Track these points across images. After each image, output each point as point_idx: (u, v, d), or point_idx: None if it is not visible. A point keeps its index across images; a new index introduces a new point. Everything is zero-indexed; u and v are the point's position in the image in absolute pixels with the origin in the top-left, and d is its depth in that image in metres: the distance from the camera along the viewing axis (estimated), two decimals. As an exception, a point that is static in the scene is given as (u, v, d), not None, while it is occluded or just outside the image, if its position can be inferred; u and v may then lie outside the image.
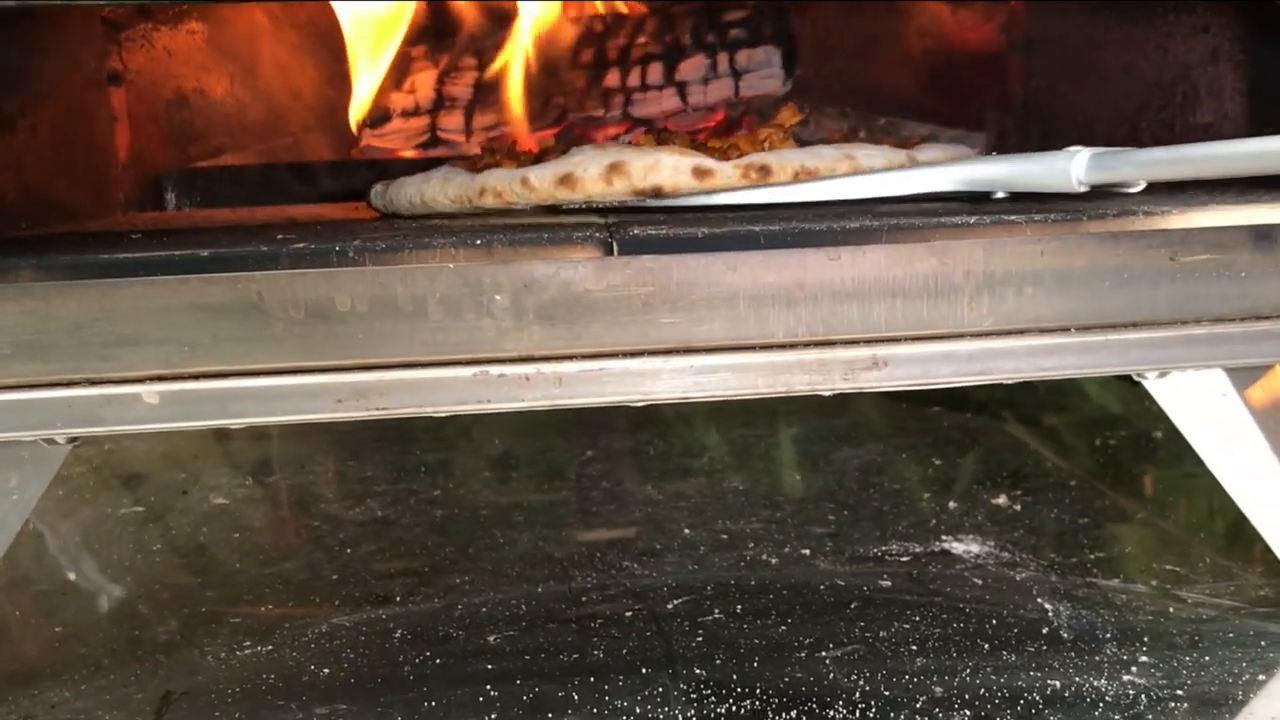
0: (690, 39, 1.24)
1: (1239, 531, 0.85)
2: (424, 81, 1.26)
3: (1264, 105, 0.88)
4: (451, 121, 1.25)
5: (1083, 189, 0.71)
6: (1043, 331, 0.66)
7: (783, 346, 0.65)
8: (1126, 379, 0.75)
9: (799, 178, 0.76)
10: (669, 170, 0.75)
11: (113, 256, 0.61)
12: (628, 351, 0.64)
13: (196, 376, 0.61)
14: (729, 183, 0.76)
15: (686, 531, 0.92)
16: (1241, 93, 0.91)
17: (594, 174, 0.76)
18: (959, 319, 0.65)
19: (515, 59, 1.24)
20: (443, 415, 0.63)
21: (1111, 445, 1.13)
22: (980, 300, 0.65)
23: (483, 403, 0.63)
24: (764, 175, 0.76)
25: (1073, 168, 0.70)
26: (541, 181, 0.77)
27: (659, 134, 0.88)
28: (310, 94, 1.31)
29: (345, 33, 1.22)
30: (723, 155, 0.78)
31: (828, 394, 0.66)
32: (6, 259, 0.61)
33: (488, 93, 1.25)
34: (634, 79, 1.24)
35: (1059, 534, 0.89)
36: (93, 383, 0.61)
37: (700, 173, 0.75)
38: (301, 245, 0.62)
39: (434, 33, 1.27)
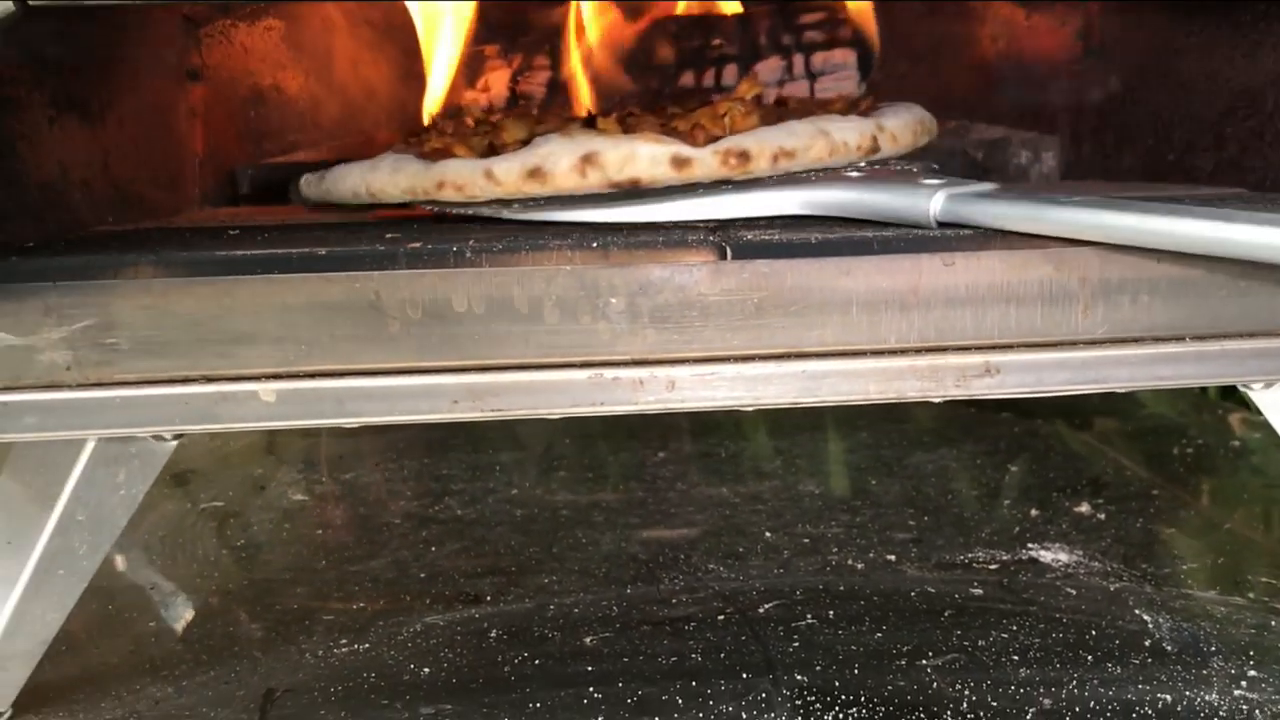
0: (767, 40, 1.24)
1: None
2: (497, 80, 1.26)
3: (1363, 113, 0.88)
4: (524, 120, 1.25)
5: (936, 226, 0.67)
6: (1157, 340, 0.66)
7: (895, 352, 0.64)
8: (1229, 389, 0.74)
9: (778, 160, 0.74)
10: (646, 161, 0.73)
11: (230, 254, 0.62)
12: (740, 356, 0.64)
13: (312, 375, 0.61)
14: (709, 171, 0.73)
15: (768, 535, 0.92)
16: (1337, 101, 0.90)
17: (565, 167, 0.73)
18: (1073, 326, 0.65)
19: (589, 58, 1.24)
20: (556, 417, 0.63)
21: (1189, 454, 1.13)
22: (1095, 308, 0.65)
23: (597, 405, 0.63)
24: (744, 161, 0.74)
25: (931, 206, 0.66)
26: (508, 175, 0.73)
27: (624, 117, 0.86)
28: (384, 91, 1.31)
29: (419, 29, 1.22)
30: (691, 136, 0.76)
31: (939, 401, 0.65)
32: (125, 254, 0.61)
33: (561, 92, 1.25)
34: (709, 79, 1.24)
35: (1147, 544, 0.88)
36: (209, 380, 0.61)
37: (678, 162, 0.73)
38: (418, 245, 0.62)
39: (508, 31, 1.27)
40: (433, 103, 1.24)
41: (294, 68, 1.25)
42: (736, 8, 1.24)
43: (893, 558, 0.87)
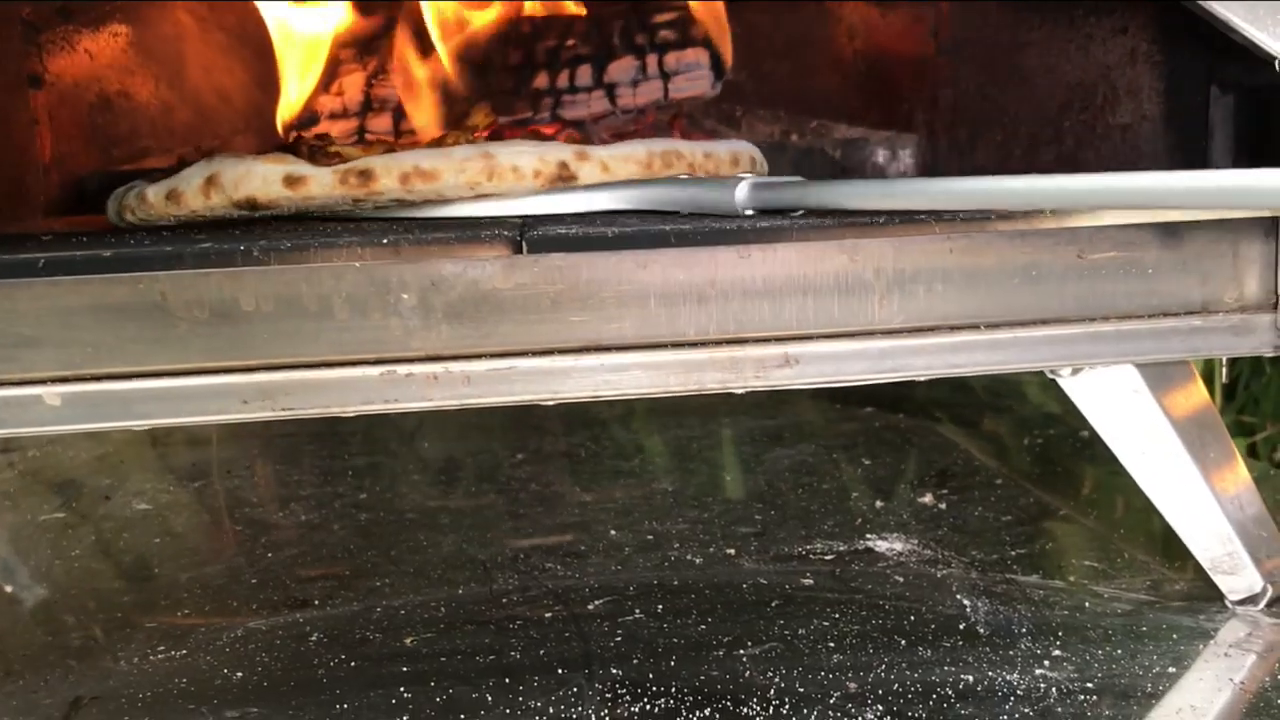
0: (620, 41, 1.24)
1: (1158, 527, 0.86)
2: (352, 84, 1.25)
3: (1180, 105, 0.89)
4: (380, 124, 1.25)
5: (749, 213, 0.68)
6: (953, 329, 0.67)
7: (694, 344, 0.65)
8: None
9: (409, 182, 0.71)
10: (259, 179, 0.72)
11: (14, 257, 0.61)
12: (537, 350, 0.64)
13: (100, 378, 0.61)
14: (326, 190, 0.72)
15: (612, 533, 0.92)
16: (1159, 93, 0.92)
17: (195, 186, 0.73)
18: (870, 316, 0.66)
19: (443, 61, 1.23)
20: (350, 415, 0.63)
21: (1039, 444, 1.14)
22: (891, 298, 0.66)
23: (390, 402, 0.62)
24: (365, 181, 0.71)
25: (737, 194, 0.68)
26: (156, 197, 0.75)
27: (310, 146, 0.86)
28: (238, 97, 1.29)
29: (273, 35, 1.21)
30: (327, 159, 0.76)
31: (740, 391, 0.66)
32: (-96, 260, 0.60)
33: (416, 95, 1.24)
34: (563, 80, 1.24)
35: (981, 531, 0.89)
36: (-8, 384, 0.60)
37: (292, 180, 0.72)
38: (207, 245, 0.62)
39: (363, 36, 1.26)
40: (287, 108, 1.23)
41: (142, 73, 1.23)
42: (580, 10, 1.24)
43: (732, 551, 0.88)
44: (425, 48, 1.19)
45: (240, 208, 0.73)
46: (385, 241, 0.62)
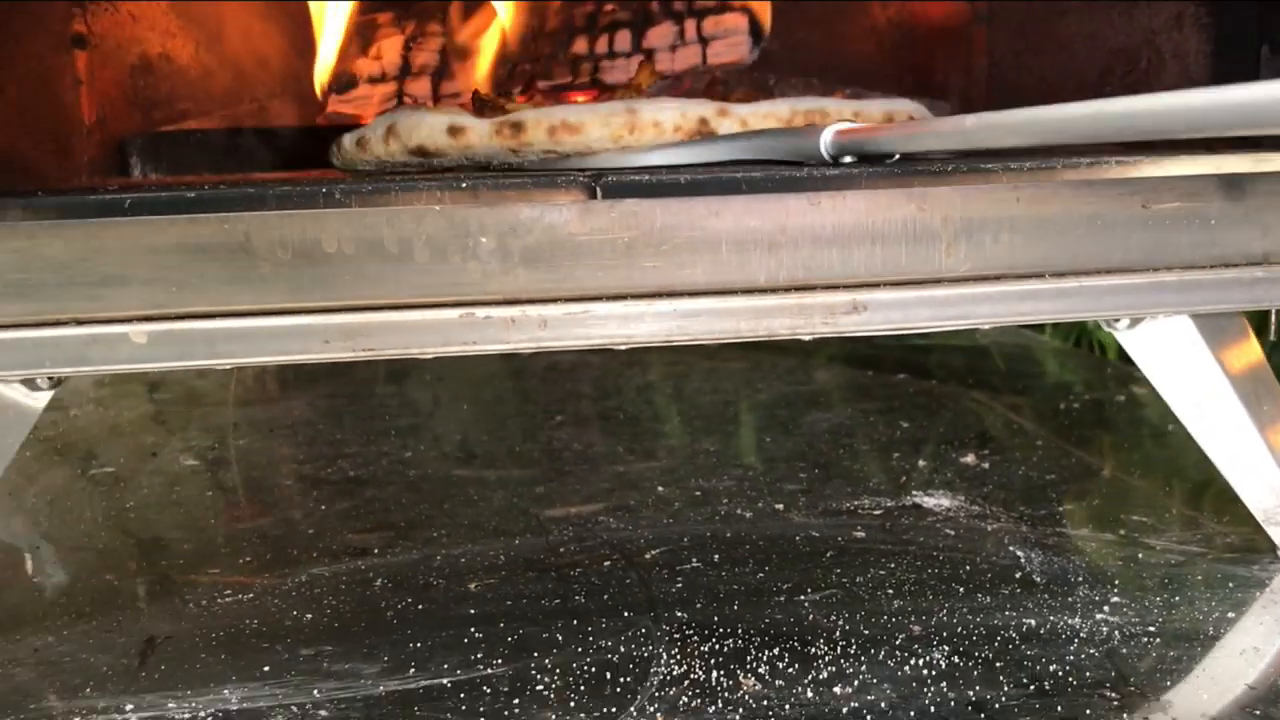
0: (659, 5, 1.25)
1: (1205, 485, 0.87)
2: (390, 48, 1.26)
3: (1228, 67, 0.90)
4: (418, 88, 1.25)
5: (847, 159, 0.69)
6: (1018, 277, 0.68)
7: (764, 291, 0.66)
8: (1090, 343, 0.76)
9: (555, 134, 0.75)
10: (427, 129, 0.77)
11: (100, 198, 0.61)
12: (612, 295, 0.65)
13: (184, 317, 0.62)
14: (483, 139, 0.76)
15: (660, 489, 0.93)
16: (1206, 55, 0.93)
17: (379, 135, 0.79)
18: (936, 264, 0.67)
19: (481, 25, 1.24)
20: (429, 356, 0.64)
21: (1075, 409, 1.15)
22: (957, 246, 0.66)
23: (468, 344, 0.63)
24: (517, 132, 0.75)
25: (821, 141, 0.69)
26: (350, 144, 0.82)
27: (480, 100, 0.90)
28: (276, 61, 1.30)
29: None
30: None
31: (808, 338, 0.67)
32: (-9, 199, 0.61)
33: (455, 59, 1.25)
34: (601, 46, 1.25)
35: (1027, 489, 0.90)
36: (80, 322, 0.61)
37: (455, 130, 0.76)
38: (289, 187, 0.62)
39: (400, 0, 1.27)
40: (323, 71, 1.24)
41: (183, 36, 1.24)
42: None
43: (781, 506, 0.88)
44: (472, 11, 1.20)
45: (414, 154, 0.78)
46: (464, 186, 0.63)
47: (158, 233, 0.60)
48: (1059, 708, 0.58)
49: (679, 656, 0.64)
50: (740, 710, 0.59)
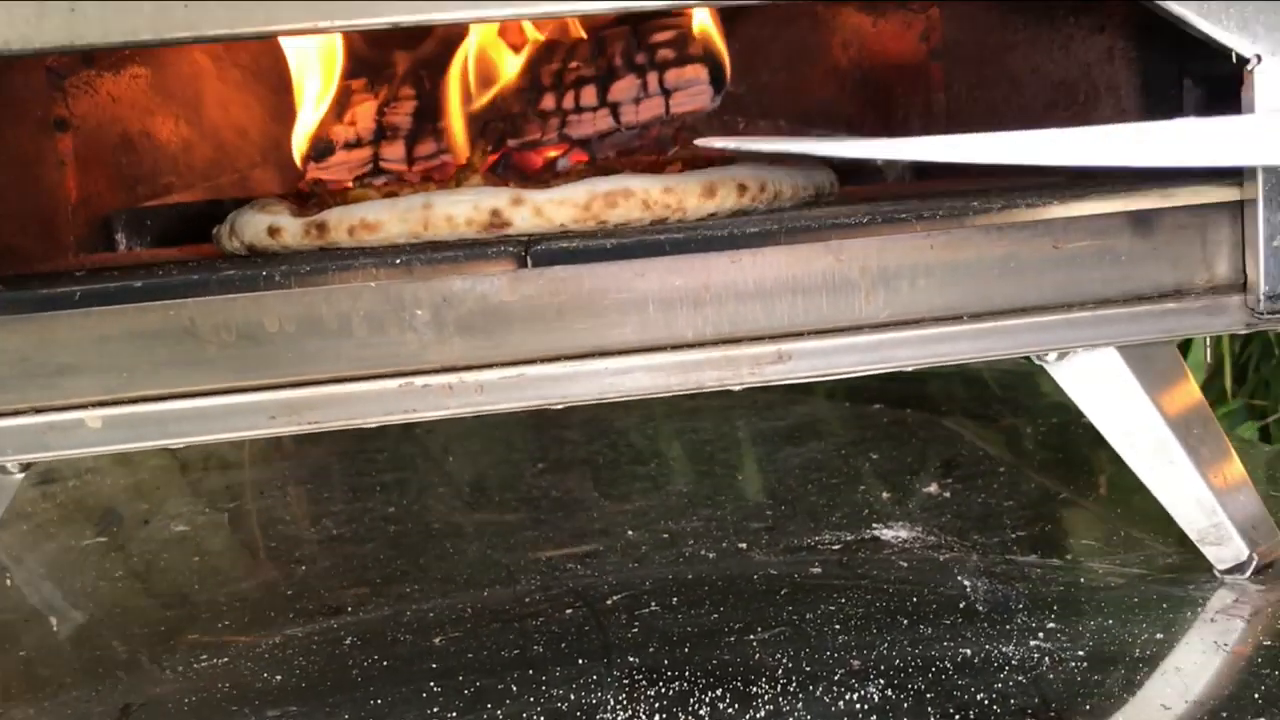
0: (622, 61, 1.28)
1: (1154, 507, 0.89)
2: (364, 113, 1.29)
3: (1156, 99, 0.93)
4: (393, 151, 1.29)
5: None
6: (937, 320, 0.70)
7: (692, 346, 0.69)
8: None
9: (355, 234, 0.76)
10: (253, 229, 0.80)
11: (51, 291, 0.65)
12: (545, 357, 0.68)
13: (136, 400, 0.65)
14: (296, 240, 0.78)
15: (630, 533, 0.96)
16: (1136, 89, 0.95)
17: (224, 231, 0.83)
18: (857, 312, 0.70)
19: (451, 87, 1.28)
20: (372, 426, 0.67)
21: (1043, 434, 1.18)
22: (876, 293, 0.69)
23: (409, 412, 0.67)
24: (322, 232, 0.77)
25: None
26: (219, 234, 0.85)
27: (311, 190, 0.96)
28: (255, 131, 1.34)
29: (292, 69, 1.26)
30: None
31: (737, 388, 0.70)
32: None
33: (427, 121, 1.29)
34: (569, 102, 1.28)
35: (984, 517, 0.93)
36: (38, 410, 0.65)
37: (273, 231, 0.79)
38: (231, 272, 0.66)
39: (374, 65, 1.31)
40: (301, 139, 1.27)
41: (163, 113, 1.28)
42: (582, 33, 1.29)
43: (744, 545, 0.91)
44: (441, 78, 1.23)
45: (252, 252, 0.80)
46: (399, 261, 0.66)
47: (107, 322, 0.64)
48: (978, 736, 0.61)
49: (625, 701, 0.67)
50: (676, 751, 0.62)
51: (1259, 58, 0.69)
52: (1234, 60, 0.70)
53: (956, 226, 0.69)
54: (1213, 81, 0.86)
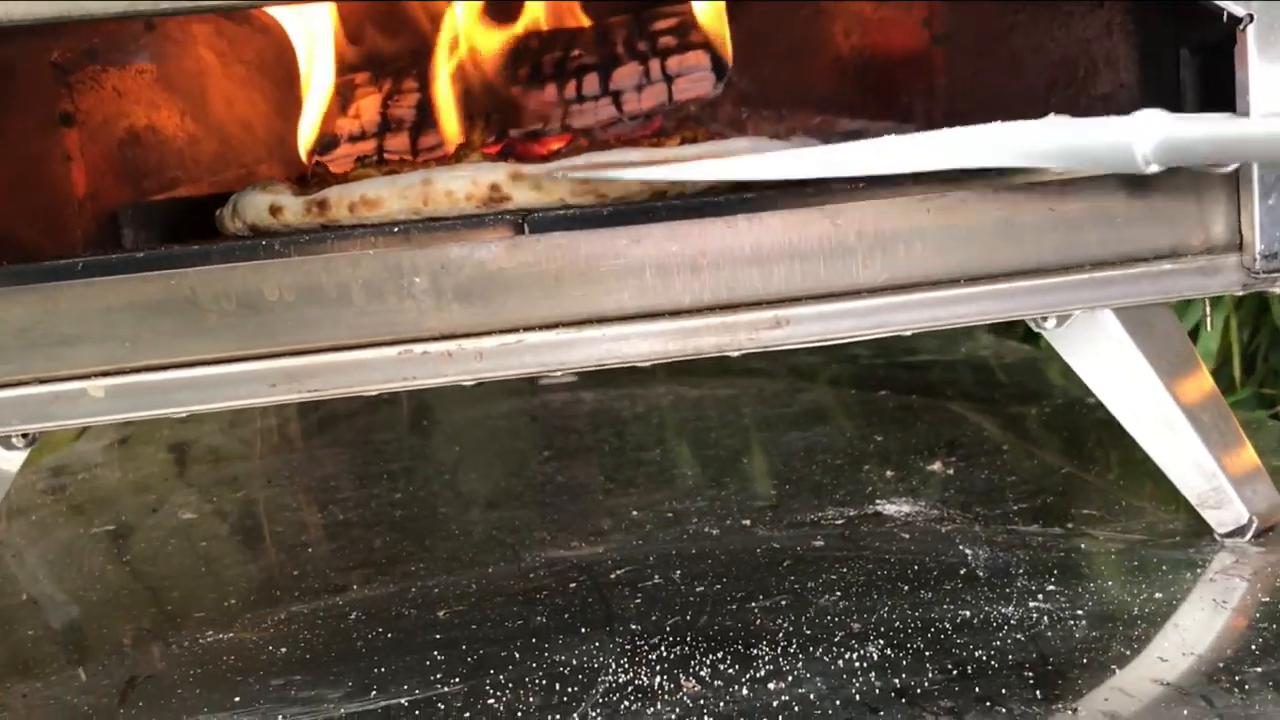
0: (624, 48, 1.29)
1: (1157, 477, 0.89)
2: (368, 106, 1.30)
3: (1154, 71, 0.93)
4: (397, 143, 1.30)
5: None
6: (934, 285, 0.71)
7: (689, 312, 0.69)
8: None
9: (356, 210, 0.76)
10: (254, 209, 0.81)
11: (54, 263, 0.66)
12: (543, 324, 0.68)
13: (138, 370, 0.66)
14: (298, 218, 0.78)
15: (634, 513, 0.96)
16: (1134, 61, 0.95)
17: (229, 212, 0.84)
18: (854, 277, 0.70)
19: (453, 78, 1.28)
20: (372, 394, 0.67)
21: (1046, 413, 1.18)
22: (873, 258, 0.70)
23: (409, 380, 0.67)
24: (324, 210, 0.77)
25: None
26: (221, 215, 0.86)
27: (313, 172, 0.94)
28: (260, 126, 1.35)
29: (300, 62, 1.26)
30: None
31: (735, 354, 0.70)
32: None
33: (431, 113, 1.30)
34: (571, 90, 1.29)
35: (986, 491, 0.93)
36: (42, 381, 0.65)
37: (275, 210, 0.79)
38: (231, 241, 0.66)
39: (377, 58, 1.32)
40: (307, 133, 1.28)
41: (168, 108, 1.29)
42: (584, 21, 1.30)
43: (748, 522, 0.91)
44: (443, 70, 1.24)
45: (254, 232, 0.80)
46: (396, 230, 0.67)
47: (109, 293, 0.64)
48: (977, 688, 0.61)
49: (626, 665, 0.67)
50: (677, 709, 0.62)
51: (1251, 17, 0.69)
52: (1225, 21, 0.70)
53: (953, 190, 0.70)
54: (1208, 50, 0.86)
